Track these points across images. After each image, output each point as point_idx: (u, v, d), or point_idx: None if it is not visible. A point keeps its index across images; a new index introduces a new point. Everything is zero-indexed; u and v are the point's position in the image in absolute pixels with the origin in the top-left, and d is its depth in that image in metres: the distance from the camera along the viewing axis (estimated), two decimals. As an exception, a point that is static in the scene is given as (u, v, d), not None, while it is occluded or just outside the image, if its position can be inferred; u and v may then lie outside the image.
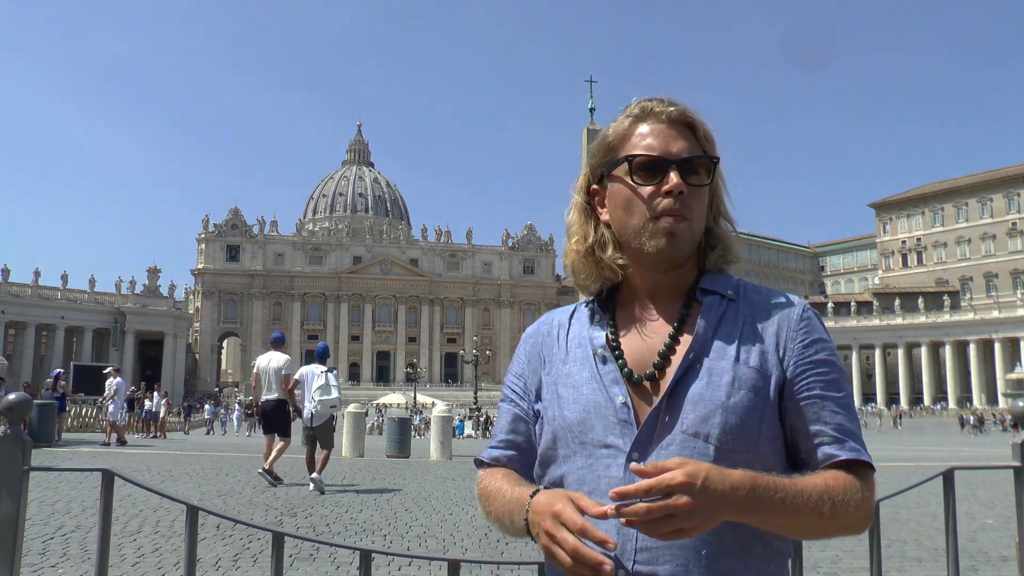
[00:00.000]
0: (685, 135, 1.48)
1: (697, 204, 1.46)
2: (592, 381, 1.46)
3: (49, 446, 19.52)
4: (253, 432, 42.97)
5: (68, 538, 7.52)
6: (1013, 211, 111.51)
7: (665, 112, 1.48)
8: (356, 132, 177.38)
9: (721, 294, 1.48)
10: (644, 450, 1.37)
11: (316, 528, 8.49)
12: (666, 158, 1.44)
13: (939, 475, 2.74)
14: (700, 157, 1.46)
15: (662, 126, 1.48)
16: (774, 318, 1.45)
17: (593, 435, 1.41)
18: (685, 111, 1.49)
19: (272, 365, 12.66)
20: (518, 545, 7.69)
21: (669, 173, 1.43)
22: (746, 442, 1.36)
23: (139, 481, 2.55)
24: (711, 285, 1.49)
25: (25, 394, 2.54)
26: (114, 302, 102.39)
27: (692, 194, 1.44)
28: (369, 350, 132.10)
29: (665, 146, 1.45)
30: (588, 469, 1.40)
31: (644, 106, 1.51)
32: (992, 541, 8.26)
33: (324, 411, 12.15)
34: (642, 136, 1.48)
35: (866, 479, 1.38)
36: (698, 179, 1.46)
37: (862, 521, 1.35)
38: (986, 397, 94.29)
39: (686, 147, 1.46)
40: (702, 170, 1.47)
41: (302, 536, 3.39)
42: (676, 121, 1.48)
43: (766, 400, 1.39)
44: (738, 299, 1.48)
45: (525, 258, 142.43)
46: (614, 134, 1.52)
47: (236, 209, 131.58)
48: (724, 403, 1.36)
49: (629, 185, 1.47)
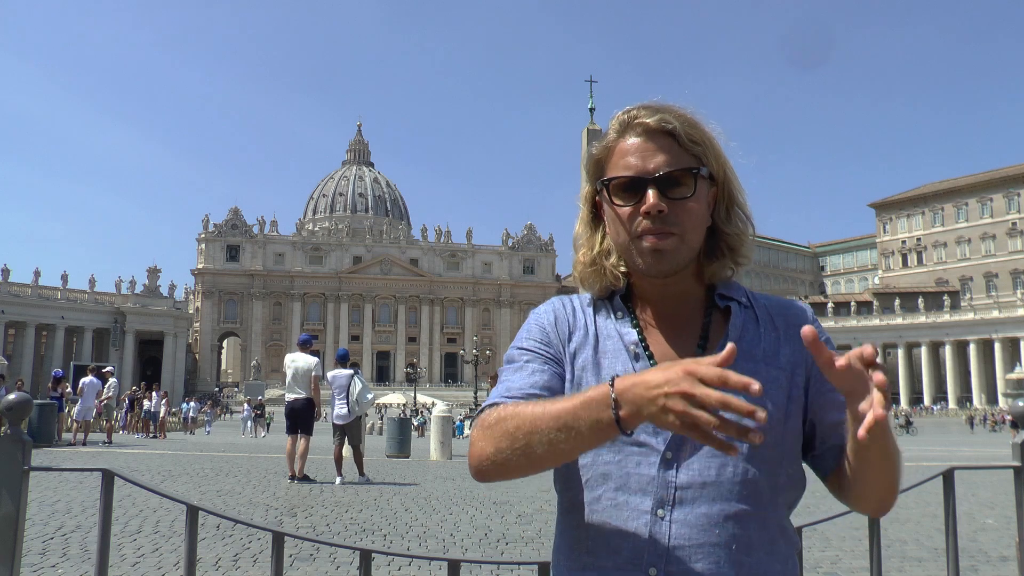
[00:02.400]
0: (666, 146, 1.43)
1: (687, 215, 1.42)
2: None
3: (49, 446, 19.52)
4: (263, 433, 42.12)
5: (68, 538, 7.52)
6: (1013, 211, 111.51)
7: (642, 124, 1.44)
8: (356, 132, 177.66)
9: (738, 301, 1.50)
10: (678, 449, 1.37)
11: (316, 528, 8.49)
12: (642, 177, 1.41)
13: (939, 475, 2.74)
14: (679, 170, 1.42)
15: (640, 140, 1.44)
16: (791, 321, 1.49)
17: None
18: (664, 118, 1.44)
19: (300, 366, 12.99)
20: (518, 545, 7.69)
21: (647, 192, 1.41)
22: (774, 437, 1.38)
23: (139, 481, 2.56)
24: (729, 292, 1.52)
25: (25, 394, 2.54)
26: (114, 302, 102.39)
27: (678, 207, 1.41)
28: (369, 350, 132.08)
29: (643, 163, 1.42)
30: (616, 465, 1.39)
31: (623, 119, 1.48)
32: (992, 541, 8.26)
33: (361, 410, 13.25)
34: (622, 153, 1.45)
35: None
36: (681, 192, 1.41)
37: (898, 488, 1.39)
38: (986, 397, 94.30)
39: (665, 161, 1.42)
40: (686, 180, 1.42)
41: (302, 536, 3.39)
42: (655, 131, 1.44)
43: (790, 397, 1.42)
44: (752, 306, 1.51)
45: (525, 258, 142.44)
46: (599, 150, 1.51)
47: (236, 209, 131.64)
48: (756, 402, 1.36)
49: (612, 206, 1.46)
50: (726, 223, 1.50)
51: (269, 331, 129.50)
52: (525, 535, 8.23)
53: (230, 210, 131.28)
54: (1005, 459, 2.83)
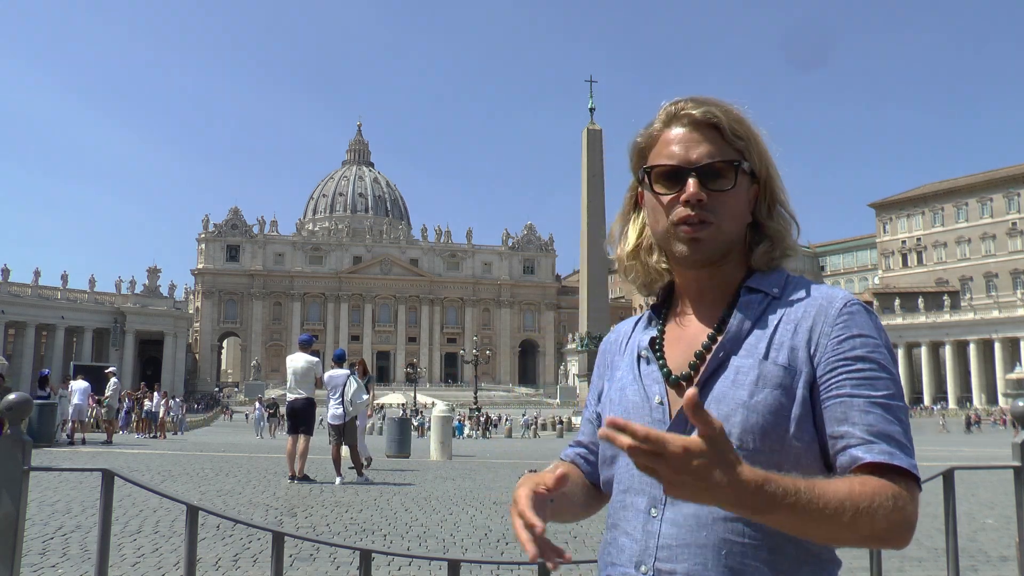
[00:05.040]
0: (710, 137, 1.45)
1: (725, 207, 1.43)
2: (635, 383, 1.50)
3: (49, 446, 19.53)
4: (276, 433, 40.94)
5: (68, 538, 7.52)
6: (1013, 211, 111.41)
7: (688, 115, 1.47)
8: (356, 132, 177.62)
9: (766, 292, 1.46)
10: None
11: (316, 528, 8.49)
12: (684, 167, 1.43)
13: (939, 475, 2.74)
14: (721, 162, 1.43)
15: (685, 131, 1.46)
16: (811, 313, 1.39)
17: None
18: (709, 111, 1.46)
19: (300, 366, 13.08)
20: (518, 545, 7.67)
21: (688, 181, 1.42)
22: (771, 442, 1.32)
23: (139, 481, 2.56)
24: (757, 284, 1.47)
25: (25, 394, 2.54)
26: (114, 302, 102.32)
27: (718, 198, 1.43)
28: (369, 350, 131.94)
29: (685, 153, 1.44)
30: (626, 468, 1.45)
31: (670, 110, 1.50)
32: (992, 541, 8.26)
33: (355, 411, 13.32)
34: (666, 143, 1.47)
35: (906, 488, 1.24)
36: (721, 183, 1.43)
37: (896, 534, 1.22)
38: (986, 397, 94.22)
39: (708, 151, 1.44)
40: (728, 173, 1.44)
41: (302, 536, 3.39)
42: (700, 123, 1.46)
43: (794, 399, 1.34)
44: (782, 296, 1.45)
45: (525, 258, 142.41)
46: (644, 139, 1.53)
47: (236, 209, 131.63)
48: (746, 402, 1.34)
49: (654, 193, 1.48)
50: (768, 219, 1.51)
51: (269, 331, 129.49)
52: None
53: (230, 210, 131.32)
54: (1005, 459, 2.83)
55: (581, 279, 54.95)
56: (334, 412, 13.18)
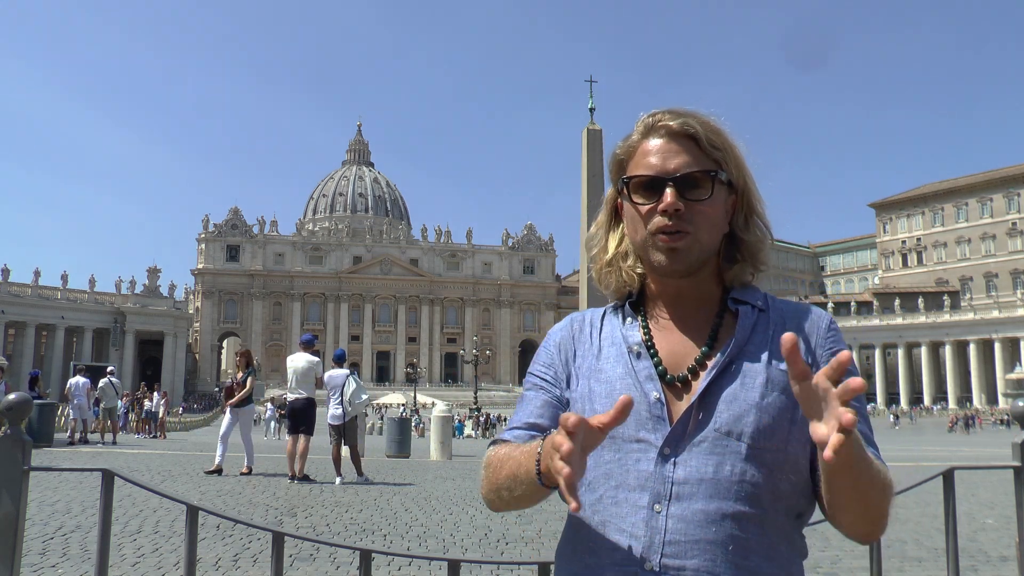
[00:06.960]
0: (687, 148, 1.48)
1: (702, 217, 1.46)
2: (626, 377, 1.50)
3: (49, 446, 19.52)
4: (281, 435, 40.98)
5: (68, 538, 7.51)
6: (1013, 211, 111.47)
7: (665, 126, 1.50)
8: (356, 132, 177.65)
9: (752, 304, 1.52)
10: (676, 446, 1.40)
11: (316, 528, 8.49)
12: (662, 176, 1.46)
13: (939, 475, 2.74)
14: (698, 172, 1.46)
15: (663, 142, 1.49)
16: (804, 326, 1.49)
17: (624, 430, 1.43)
18: (687, 122, 1.49)
19: (300, 366, 13.09)
20: (518, 545, 7.69)
21: (665, 191, 1.45)
22: (776, 441, 1.39)
23: (139, 481, 2.56)
24: (742, 296, 1.53)
25: (25, 394, 2.54)
26: (114, 302, 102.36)
27: (695, 208, 1.46)
28: (369, 350, 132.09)
29: (663, 163, 1.47)
30: (617, 463, 1.43)
31: (648, 122, 1.53)
32: (992, 541, 8.26)
33: (356, 411, 13.34)
34: (644, 153, 1.50)
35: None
36: (698, 193, 1.46)
37: (884, 523, 1.35)
38: (986, 397, 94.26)
39: (685, 162, 1.47)
40: (705, 183, 1.47)
41: (302, 536, 3.39)
42: (678, 134, 1.49)
43: (796, 403, 1.36)
44: (767, 309, 1.52)
45: (525, 258, 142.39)
46: (623, 151, 1.56)
47: (236, 209, 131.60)
48: (758, 403, 1.39)
49: (632, 203, 1.51)
50: (744, 231, 1.55)
51: (269, 331, 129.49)
52: (525, 535, 8.23)
53: (230, 210, 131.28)
54: (1005, 459, 2.83)
55: (581, 279, 54.77)
56: (334, 412, 13.20)
